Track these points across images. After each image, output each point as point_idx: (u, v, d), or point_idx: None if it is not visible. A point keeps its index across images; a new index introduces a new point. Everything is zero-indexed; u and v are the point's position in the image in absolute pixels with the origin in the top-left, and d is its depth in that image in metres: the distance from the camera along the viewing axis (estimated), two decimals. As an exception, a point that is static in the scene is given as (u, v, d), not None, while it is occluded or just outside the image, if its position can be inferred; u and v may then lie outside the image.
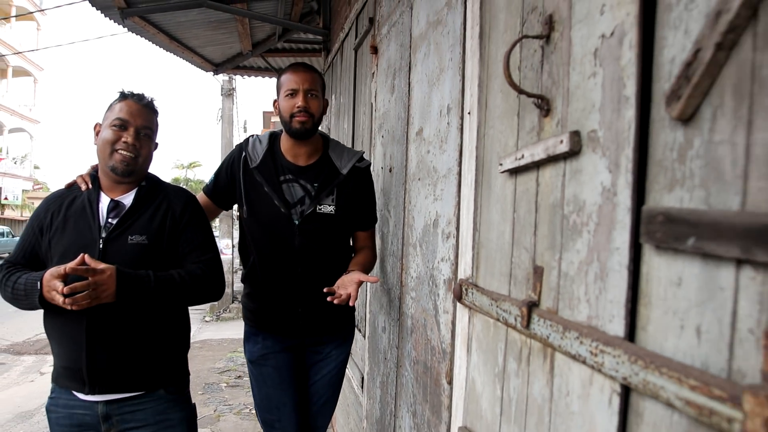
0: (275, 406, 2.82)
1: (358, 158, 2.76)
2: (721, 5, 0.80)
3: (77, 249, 2.16)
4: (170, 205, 2.36)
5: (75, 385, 2.26)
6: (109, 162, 2.28)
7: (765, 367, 0.73)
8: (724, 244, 0.78)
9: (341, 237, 2.77)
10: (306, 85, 2.61)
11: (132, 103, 2.33)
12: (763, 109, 0.76)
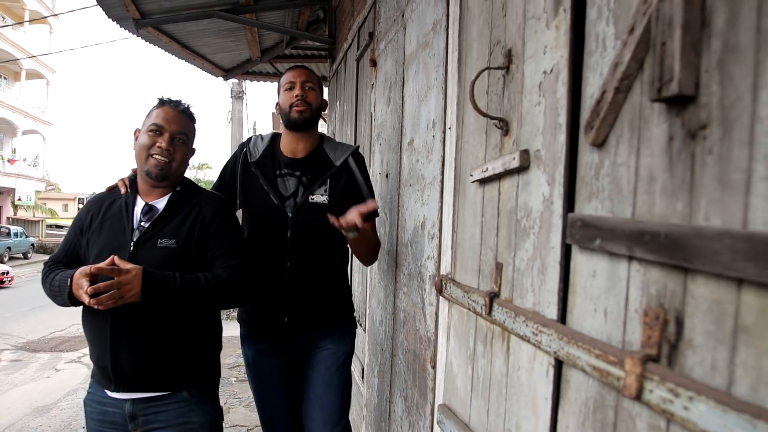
0: (270, 406, 2.86)
1: (352, 151, 2.79)
2: (617, 58, 1.03)
3: (110, 251, 2.21)
4: (201, 211, 2.37)
5: (104, 382, 2.30)
6: (145, 166, 2.32)
7: (643, 338, 0.96)
8: (617, 244, 1.01)
9: (334, 232, 2.61)
10: (302, 78, 2.70)
11: (168, 109, 2.37)
12: (645, 139, 0.99)
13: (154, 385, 2.28)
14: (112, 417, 2.31)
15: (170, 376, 2.30)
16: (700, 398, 0.80)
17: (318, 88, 2.75)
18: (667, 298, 0.92)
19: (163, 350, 2.27)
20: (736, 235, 0.76)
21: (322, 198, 2.70)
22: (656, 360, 0.92)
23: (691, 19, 0.86)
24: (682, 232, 0.85)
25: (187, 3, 5.63)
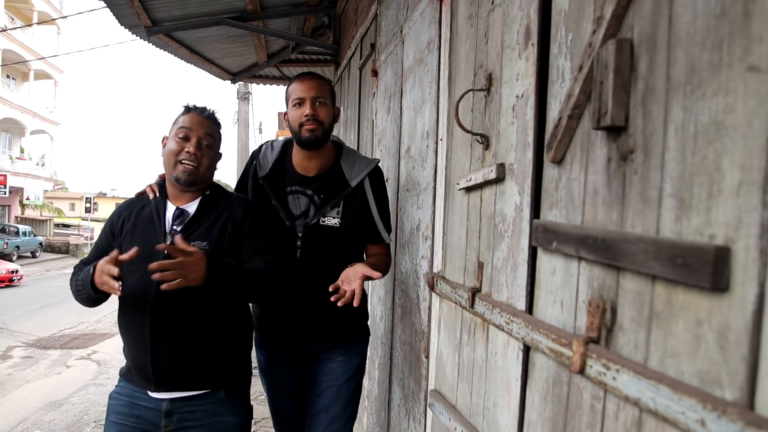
0: (281, 411, 2.84)
1: (371, 169, 2.65)
2: (570, 90, 1.24)
3: (144, 254, 2.20)
4: (231, 213, 2.39)
5: (143, 383, 2.32)
6: (174, 172, 2.34)
7: (587, 324, 1.16)
8: (569, 246, 1.22)
9: (346, 252, 2.61)
10: (313, 93, 2.53)
11: (194, 115, 2.40)
12: (592, 159, 1.19)
13: (193, 384, 2.32)
14: (142, 412, 2.33)
15: (209, 375, 2.34)
16: (623, 370, 1.01)
17: (330, 101, 2.60)
18: (605, 291, 1.12)
19: (201, 349, 2.31)
20: (647, 239, 0.96)
21: (333, 221, 2.60)
22: (596, 342, 1.13)
23: (621, 64, 1.07)
24: (613, 237, 1.06)
25: (197, 11, 5.85)
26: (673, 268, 0.90)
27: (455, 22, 2.13)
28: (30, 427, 6.97)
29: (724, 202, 0.84)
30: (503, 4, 1.67)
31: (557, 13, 1.36)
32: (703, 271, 0.83)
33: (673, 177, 0.95)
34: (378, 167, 2.69)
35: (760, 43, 0.79)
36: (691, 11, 0.93)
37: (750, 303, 0.78)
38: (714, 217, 0.85)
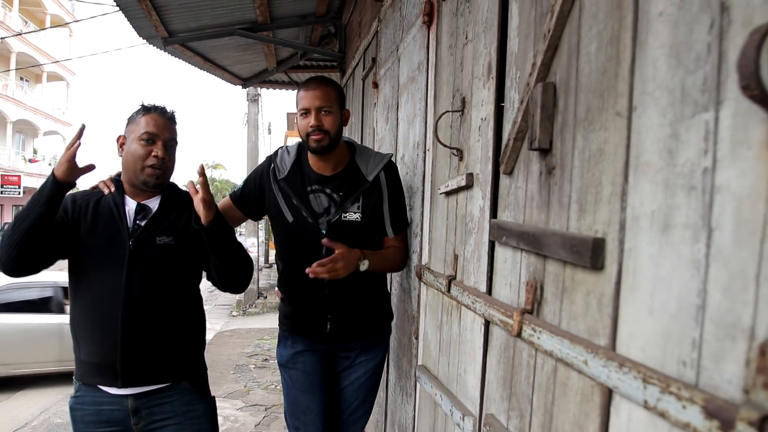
0: (302, 410, 2.80)
1: (386, 162, 2.72)
2: (515, 118, 1.59)
3: (107, 249, 2.29)
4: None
5: (106, 380, 2.29)
6: (141, 176, 2.34)
7: (525, 299, 1.51)
8: (513, 240, 1.57)
9: (368, 246, 2.66)
10: (317, 103, 2.57)
11: (157, 116, 2.37)
12: (530, 172, 1.54)
13: (159, 377, 2.34)
14: (109, 416, 2.31)
15: (174, 367, 2.37)
16: (544, 331, 1.36)
17: (336, 106, 2.65)
18: (537, 273, 1.47)
19: (168, 342, 2.35)
20: (558, 234, 1.32)
21: (355, 215, 2.66)
22: (531, 312, 1.48)
23: (546, 102, 1.42)
24: (539, 232, 1.41)
25: (210, 23, 6.20)
26: (572, 255, 1.25)
27: (439, 49, 2.48)
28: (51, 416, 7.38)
29: (602, 207, 1.19)
30: (474, 41, 2.02)
31: (510, 54, 1.71)
32: (586, 255, 1.18)
33: (576, 188, 1.30)
34: (392, 161, 2.78)
35: (622, 97, 1.14)
36: (587, 67, 1.28)
37: (613, 277, 1.13)
38: (597, 217, 1.20)
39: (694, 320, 0.91)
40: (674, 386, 0.91)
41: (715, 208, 0.88)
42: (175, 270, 2.38)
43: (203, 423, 2.45)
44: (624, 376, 1.04)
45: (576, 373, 1.24)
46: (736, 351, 0.83)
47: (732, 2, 0.86)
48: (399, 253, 2.81)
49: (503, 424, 1.64)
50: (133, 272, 2.28)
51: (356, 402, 2.87)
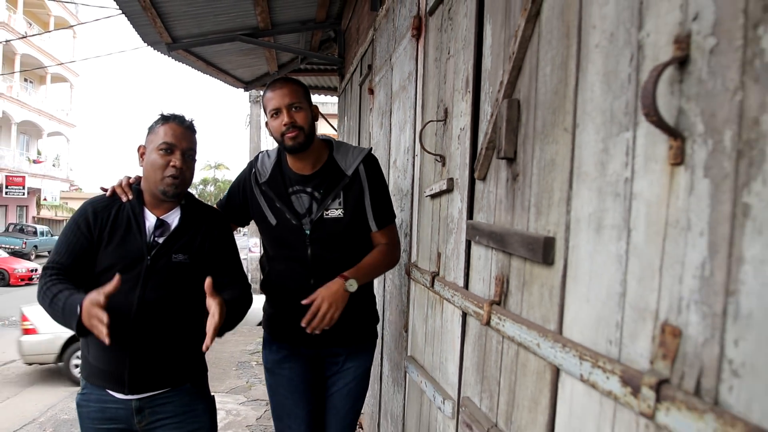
0: (286, 414, 2.79)
1: (364, 155, 2.69)
2: (486, 129, 1.76)
3: (125, 263, 2.30)
4: (209, 228, 2.47)
5: (113, 386, 2.35)
6: (159, 186, 2.35)
7: (494, 292, 1.69)
8: (484, 239, 1.75)
9: (354, 243, 2.67)
10: (287, 100, 2.56)
11: (175, 126, 2.38)
12: (500, 178, 1.72)
13: (164, 383, 2.40)
14: (114, 413, 2.38)
15: (177, 373, 2.44)
16: (508, 320, 1.53)
17: (306, 102, 2.63)
18: (504, 269, 1.65)
19: (174, 352, 2.40)
20: (518, 233, 1.50)
21: (337, 212, 2.63)
22: (499, 303, 1.66)
23: (511, 116, 1.60)
24: (504, 232, 1.59)
25: (213, 29, 6.39)
26: (529, 252, 1.43)
27: (426, 61, 2.66)
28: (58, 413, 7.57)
29: (553, 210, 1.37)
30: (455, 56, 2.20)
31: (485, 70, 1.89)
32: (539, 252, 1.36)
33: (534, 193, 1.47)
34: (371, 154, 2.74)
35: (569, 114, 1.32)
36: (543, 87, 1.46)
37: (560, 270, 1.31)
38: (549, 219, 1.38)
39: (617, 306, 1.09)
40: (601, 361, 1.09)
41: (632, 212, 1.06)
42: (188, 286, 2.37)
43: (203, 421, 2.52)
44: (566, 355, 1.22)
45: (532, 355, 1.42)
46: (645, 330, 1.00)
47: (645, 41, 1.04)
48: (386, 251, 2.73)
49: (477, 404, 1.82)
50: (147, 288, 2.31)
51: (345, 407, 2.82)
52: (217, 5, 5.77)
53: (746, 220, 0.80)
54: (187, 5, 5.64)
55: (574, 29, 1.31)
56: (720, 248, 0.84)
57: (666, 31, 0.98)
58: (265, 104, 2.66)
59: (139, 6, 5.34)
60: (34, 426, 7.09)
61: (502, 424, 1.61)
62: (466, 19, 2.06)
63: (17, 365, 10.26)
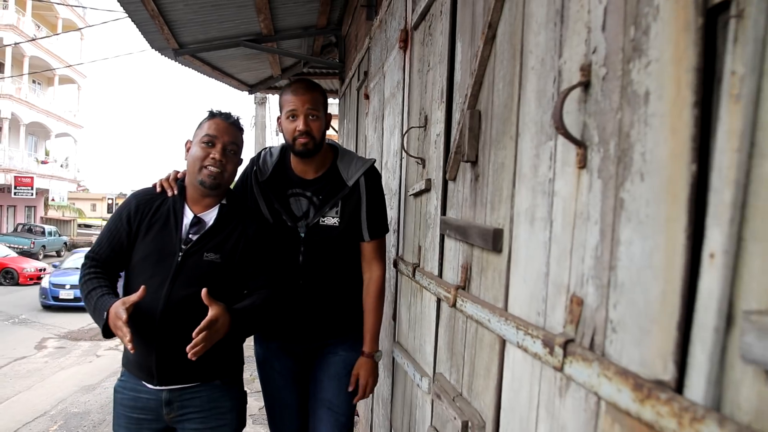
0: (279, 406, 2.85)
1: (366, 168, 2.71)
2: (456, 135, 2.00)
3: (157, 257, 2.38)
4: (245, 228, 2.48)
5: (144, 376, 2.43)
6: (198, 176, 2.40)
7: (460, 278, 1.93)
8: (453, 233, 1.99)
9: (347, 251, 2.73)
10: (307, 107, 2.58)
11: (220, 121, 2.45)
12: (466, 179, 1.96)
13: (193, 378, 2.44)
14: (145, 403, 2.46)
15: (207, 368, 2.44)
16: (469, 301, 1.77)
17: (322, 111, 2.65)
18: (468, 258, 1.89)
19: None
20: (476, 226, 1.74)
21: (333, 220, 2.67)
22: (463, 288, 1.90)
23: (473, 125, 1.84)
24: (467, 226, 1.83)
25: (218, 35, 6.64)
26: (484, 242, 1.67)
27: (412, 72, 2.90)
28: (68, 406, 7.82)
29: (502, 206, 1.61)
30: (433, 69, 2.44)
31: (456, 83, 2.13)
32: (490, 242, 1.60)
33: (490, 191, 1.72)
34: (374, 167, 2.77)
35: (513, 125, 1.56)
36: (497, 100, 1.70)
37: (506, 257, 1.55)
38: (499, 213, 1.62)
39: (543, 284, 1.33)
40: (531, 329, 1.33)
41: (554, 207, 1.30)
42: (218, 286, 2.37)
43: (228, 419, 2.54)
44: (509, 328, 1.46)
45: (486, 330, 1.66)
46: (561, 302, 1.25)
47: (563, 67, 1.28)
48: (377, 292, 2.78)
49: (447, 378, 2.06)
50: (175, 284, 2.35)
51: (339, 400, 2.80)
52: (222, 13, 6.02)
53: (621, 211, 1.04)
54: (193, 13, 5.89)
55: (518, 53, 1.55)
56: (606, 234, 1.08)
57: (576, 60, 1.22)
58: (282, 103, 2.66)
59: (147, 14, 5.59)
60: (45, 418, 7.35)
61: (465, 393, 1.86)
62: (442, 36, 2.30)
63: (28, 361, 10.57)
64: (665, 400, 0.85)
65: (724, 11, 0.82)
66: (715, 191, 0.81)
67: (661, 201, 0.93)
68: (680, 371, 0.87)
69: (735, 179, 0.77)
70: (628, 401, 0.94)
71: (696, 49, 0.86)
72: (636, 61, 1.01)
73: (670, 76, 0.92)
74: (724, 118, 0.81)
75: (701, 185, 0.85)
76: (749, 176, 0.76)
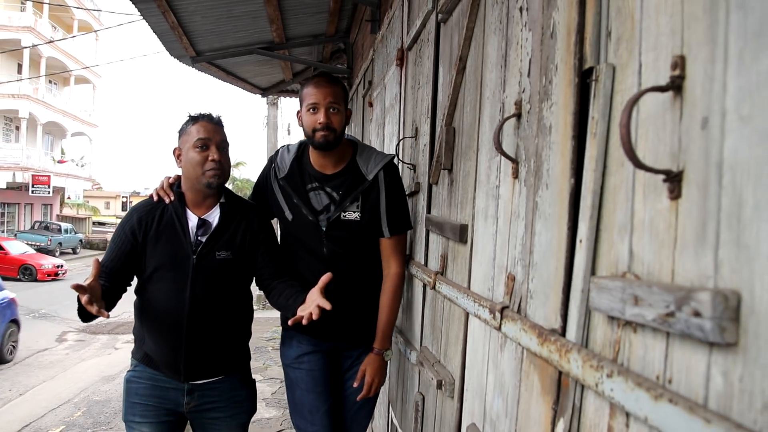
0: (308, 410, 2.79)
1: (386, 162, 2.69)
2: (437, 146, 2.39)
3: (172, 263, 2.48)
4: (249, 222, 2.60)
5: (170, 373, 2.54)
6: (203, 180, 2.47)
7: (439, 265, 2.33)
8: (434, 228, 2.39)
9: (371, 243, 2.73)
10: (329, 99, 2.58)
11: (206, 123, 2.51)
12: (445, 183, 2.35)
13: (216, 372, 2.60)
14: (164, 392, 2.57)
15: (229, 363, 2.65)
16: (445, 283, 2.17)
17: (343, 105, 2.66)
18: (445, 248, 2.29)
19: (226, 344, 2.60)
20: (448, 222, 2.13)
21: (354, 215, 2.67)
22: (441, 273, 2.29)
23: (449, 139, 2.23)
24: (444, 222, 2.23)
25: (233, 43, 7.05)
26: (454, 235, 2.06)
27: (407, 87, 3.30)
28: (90, 395, 8.25)
29: (467, 206, 2.00)
30: (422, 88, 2.84)
31: (439, 102, 2.53)
32: (458, 235, 2.00)
33: (460, 194, 2.11)
34: (393, 161, 2.76)
35: (475, 141, 1.95)
36: (466, 119, 2.09)
37: (469, 247, 1.95)
38: (465, 212, 2.02)
39: (491, 266, 1.73)
40: (483, 302, 1.72)
41: (499, 207, 1.69)
42: (233, 280, 2.57)
43: (244, 406, 2.73)
44: (470, 302, 1.85)
45: (456, 306, 2.06)
46: (502, 279, 1.64)
47: (505, 101, 1.68)
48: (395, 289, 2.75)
49: (430, 350, 2.47)
50: (196, 285, 2.47)
51: (360, 402, 2.82)
52: (236, 23, 6.43)
53: (536, 210, 1.43)
54: (210, 24, 6.30)
55: (479, 84, 1.95)
56: (528, 227, 1.48)
57: (513, 96, 1.62)
58: (303, 96, 2.66)
59: (168, 26, 6.00)
60: (69, 405, 7.78)
61: (442, 359, 2.26)
62: (429, 60, 2.70)
63: (50, 353, 11.04)
64: (553, 341, 1.25)
65: (590, 75, 1.21)
66: (583, 198, 1.20)
67: (556, 204, 1.32)
68: (564, 321, 1.26)
69: (593, 190, 1.17)
70: (535, 346, 1.33)
71: (574, 99, 1.25)
72: (545, 102, 1.40)
73: (561, 115, 1.31)
74: (588, 148, 1.20)
75: (577, 194, 1.24)
76: (602, 188, 1.16)
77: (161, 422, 2.58)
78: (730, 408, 0.77)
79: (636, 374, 0.96)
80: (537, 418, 1.37)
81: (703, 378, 0.82)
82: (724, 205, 0.80)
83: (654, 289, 0.90)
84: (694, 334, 0.81)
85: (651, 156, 0.99)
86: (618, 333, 1.06)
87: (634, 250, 1.04)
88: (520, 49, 1.58)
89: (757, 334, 0.74)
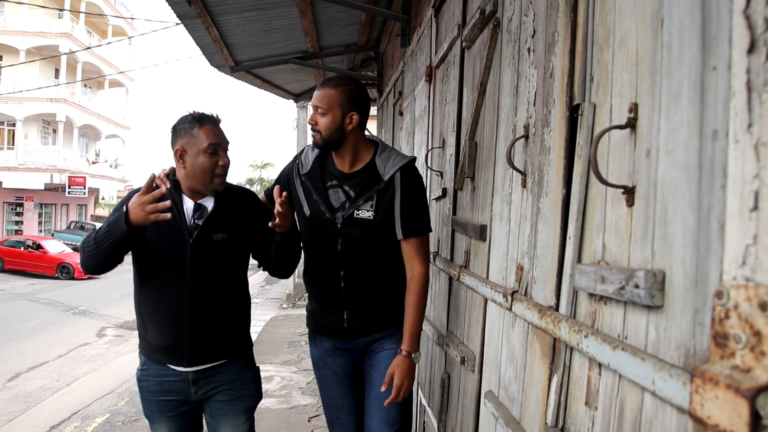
0: (334, 405, 2.90)
1: (404, 164, 2.65)
2: (461, 157, 2.76)
3: (171, 247, 2.52)
4: (244, 207, 2.66)
5: (173, 360, 2.56)
6: (210, 186, 2.53)
7: (463, 260, 2.70)
8: (459, 228, 2.76)
9: (386, 243, 2.69)
10: (315, 102, 2.65)
11: (214, 127, 2.53)
12: (468, 189, 2.72)
13: (219, 355, 2.63)
14: (172, 386, 2.60)
15: (230, 346, 2.68)
16: (469, 275, 2.54)
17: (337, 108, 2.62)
18: (468, 246, 2.66)
19: (227, 326, 2.64)
20: (471, 223, 2.51)
21: (367, 214, 2.65)
22: (465, 267, 2.66)
23: (471, 151, 2.60)
24: (467, 223, 2.60)
25: (270, 53, 7.47)
26: (476, 234, 2.43)
27: (435, 101, 3.67)
28: (132, 386, 8.63)
29: (486, 209, 2.37)
30: (448, 104, 3.21)
31: (463, 118, 2.90)
32: (478, 234, 2.37)
33: (481, 199, 2.48)
34: (411, 163, 2.71)
35: (493, 154, 2.32)
36: (486, 135, 2.46)
37: (488, 244, 2.32)
38: (485, 214, 2.39)
39: (505, 259, 2.10)
40: (498, 288, 2.09)
41: (511, 211, 2.06)
42: (230, 262, 2.63)
43: (250, 390, 2.76)
44: (489, 290, 2.22)
45: (477, 294, 2.43)
46: (513, 269, 2.01)
47: (517, 124, 2.04)
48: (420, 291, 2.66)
49: (455, 333, 2.84)
50: (195, 267, 2.51)
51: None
52: (274, 36, 6.85)
53: (539, 214, 1.80)
54: (249, 36, 6.72)
55: (496, 107, 2.32)
56: (533, 227, 1.85)
57: (522, 120, 1.99)
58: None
59: (210, 39, 6.43)
60: (112, 396, 8.23)
61: (465, 340, 2.64)
62: (454, 81, 3.07)
63: (91, 347, 11.56)
64: (549, 315, 1.61)
65: (577, 110, 1.58)
66: (571, 204, 1.57)
67: (552, 209, 1.69)
68: (557, 299, 1.63)
69: (578, 198, 1.53)
70: (537, 320, 1.70)
71: (566, 127, 1.62)
72: (546, 128, 1.77)
73: (557, 140, 1.68)
74: (575, 166, 1.57)
75: (567, 201, 1.60)
76: (586, 197, 1.53)
77: (178, 414, 2.66)
78: (657, 350, 1.13)
79: (603, 334, 1.33)
80: (538, 377, 1.74)
81: (644, 332, 1.19)
82: (658, 212, 1.17)
83: (613, 270, 1.27)
84: (635, 300, 1.17)
85: (616, 174, 1.35)
86: (594, 306, 1.43)
87: (605, 244, 1.40)
88: (528, 83, 1.94)
89: (674, 299, 1.10)
